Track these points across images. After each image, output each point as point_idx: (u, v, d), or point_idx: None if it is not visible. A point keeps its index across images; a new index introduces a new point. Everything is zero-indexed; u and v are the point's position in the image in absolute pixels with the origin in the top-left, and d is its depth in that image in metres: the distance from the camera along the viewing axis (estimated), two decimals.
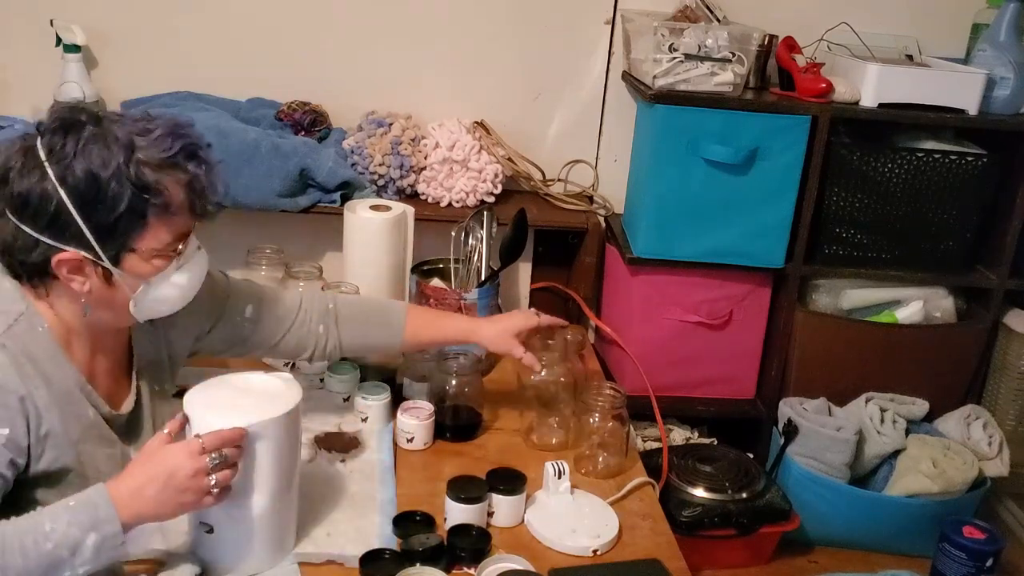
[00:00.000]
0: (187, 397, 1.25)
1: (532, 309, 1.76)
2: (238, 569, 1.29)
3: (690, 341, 2.15)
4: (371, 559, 1.33)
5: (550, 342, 1.77)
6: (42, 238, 1.17)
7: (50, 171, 1.15)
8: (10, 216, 1.17)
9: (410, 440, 1.66)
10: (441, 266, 2.05)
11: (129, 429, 1.36)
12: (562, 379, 1.75)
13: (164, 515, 1.20)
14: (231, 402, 1.25)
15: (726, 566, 1.99)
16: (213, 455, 1.18)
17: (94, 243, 1.18)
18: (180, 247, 1.25)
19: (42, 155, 1.15)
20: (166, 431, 1.22)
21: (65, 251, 1.17)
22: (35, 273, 1.21)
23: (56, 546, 1.10)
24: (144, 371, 1.39)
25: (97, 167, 1.15)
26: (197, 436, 1.19)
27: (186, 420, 1.24)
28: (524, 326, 1.67)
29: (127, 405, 1.35)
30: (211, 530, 1.26)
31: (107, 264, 1.20)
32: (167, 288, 1.27)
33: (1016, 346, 2.19)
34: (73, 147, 1.15)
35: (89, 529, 1.12)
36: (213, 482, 1.18)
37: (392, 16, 2.18)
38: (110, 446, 1.31)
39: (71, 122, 1.17)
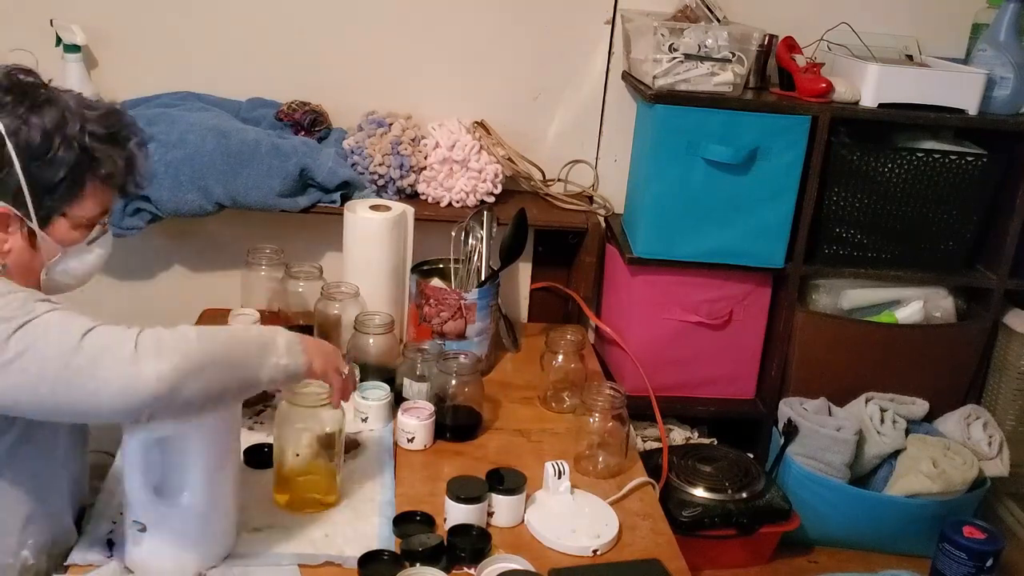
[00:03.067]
0: None
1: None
2: (172, 570, 1.28)
3: (690, 341, 2.15)
4: (369, 560, 1.33)
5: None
6: None
7: (0, 124, 1.18)
8: None
9: (411, 440, 1.66)
10: (441, 266, 2.05)
11: None
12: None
13: (314, 358, 1.31)
14: None
15: (726, 566, 1.99)
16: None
17: (29, 201, 1.22)
18: (104, 221, 1.33)
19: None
20: None
21: None
22: None
23: (259, 334, 1.28)
24: None
25: (51, 127, 1.21)
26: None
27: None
28: None
29: None
30: (144, 528, 1.25)
31: (34, 224, 1.24)
32: (80, 260, 1.32)
33: (1016, 346, 2.19)
34: (28, 105, 1.20)
35: (275, 334, 1.27)
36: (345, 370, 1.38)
37: (392, 16, 2.18)
38: None
39: (25, 84, 1.23)
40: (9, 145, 1.18)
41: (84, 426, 1.39)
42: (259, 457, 1.56)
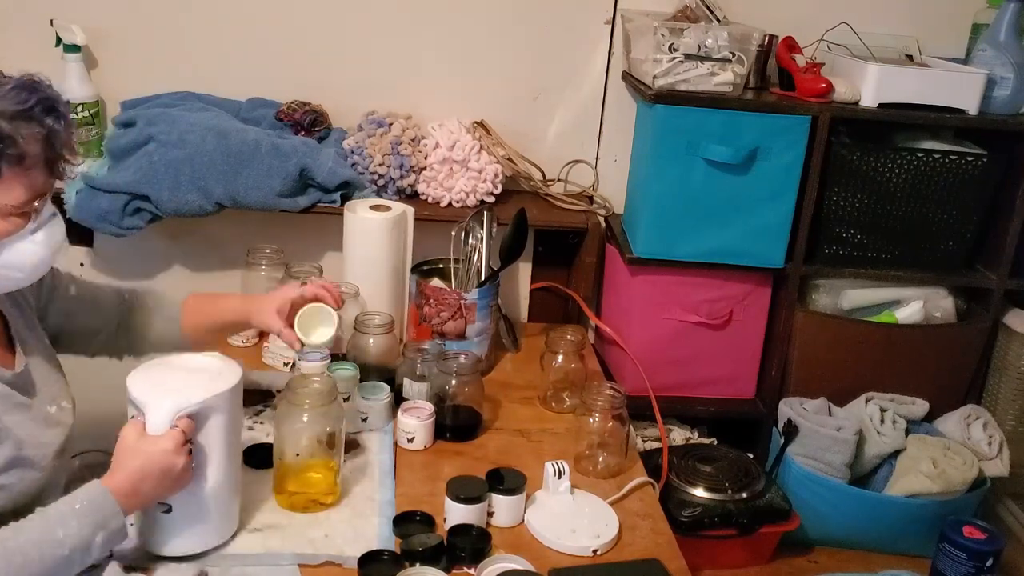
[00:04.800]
0: (130, 380, 1.27)
1: (308, 279, 1.72)
2: (194, 546, 1.31)
3: (690, 341, 2.15)
4: (369, 560, 1.33)
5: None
6: None
7: None
8: None
9: (411, 440, 1.66)
10: (441, 266, 2.05)
11: (28, 386, 1.35)
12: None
13: (158, 500, 1.27)
14: (176, 382, 1.28)
15: (726, 566, 1.99)
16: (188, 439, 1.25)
17: None
18: (36, 205, 1.23)
19: None
20: (134, 417, 1.26)
21: None
22: None
23: (71, 551, 1.16)
24: (19, 329, 1.38)
25: None
26: (174, 426, 1.24)
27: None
28: (285, 299, 1.57)
29: (19, 363, 1.35)
30: (169, 510, 1.28)
31: None
32: (22, 251, 1.24)
33: (1016, 346, 2.19)
34: None
35: (98, 528, 1.18)
36: (193, 465, 1.27)
37: (392, 16, 2.18)
38: (26, 409, 1.32)
39: None
40: None
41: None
42: (259, 457, 1.56)
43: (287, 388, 1.44)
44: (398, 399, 1.76)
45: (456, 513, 1.43)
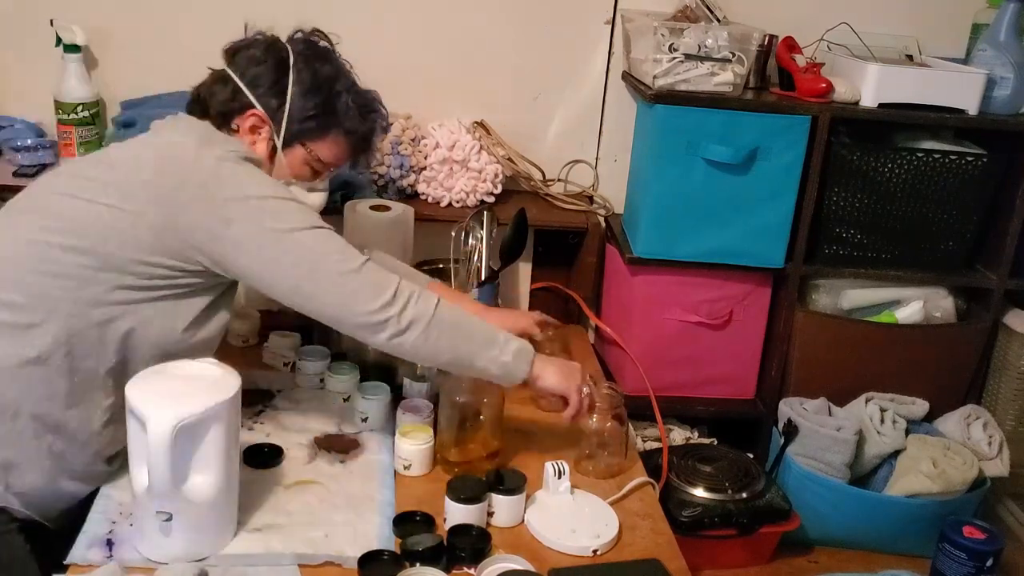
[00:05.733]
0: (129, 389, 1.27)
1: (537, 312, 1.83)
2: (193, 553, 1.31)
3: (690, 341, 2.15)
4: (369, 560, 1.33)
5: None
6: (250, 95, 1.50)
7: (291, 56, 1.54)
8: (236, 72, 1.54)
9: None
10: (441, 266, 2.04)
11: None
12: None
13: (546, 375, 1.51)
14: (175, 391, 1.27)
15: (726, 566, 1.99)
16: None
17: (285, 119, 1.50)
18: (326, 172, 1.59)
19: (290, 59, 1.55)
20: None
21: (257, 111, 1.49)
22: (223, 118, 1.51)
23: (493, 330, 1.47)
24: None
25: (324, 76, 1.54)
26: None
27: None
28: (528, 330, 1.74)
29: None
30: (170, 518, 1.28)
31: (279, 141, 1.50)
32: (297, 193, 1.52)
33: (1016, 346, 2.19)
34: (313, 54, 1.58)
35: (511, 339, 1.48)
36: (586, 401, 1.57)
37: (392, 16, 2.18)
38: None
39: (317, 45, 1.61)
40: (292, 74, 1.50)
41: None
42: (259, 457, 1.56)
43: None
44: (398, 399, 1.76)
45: (456, 513, 1.43)
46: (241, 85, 1.51)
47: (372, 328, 1.37)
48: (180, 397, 1.25)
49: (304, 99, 1.51)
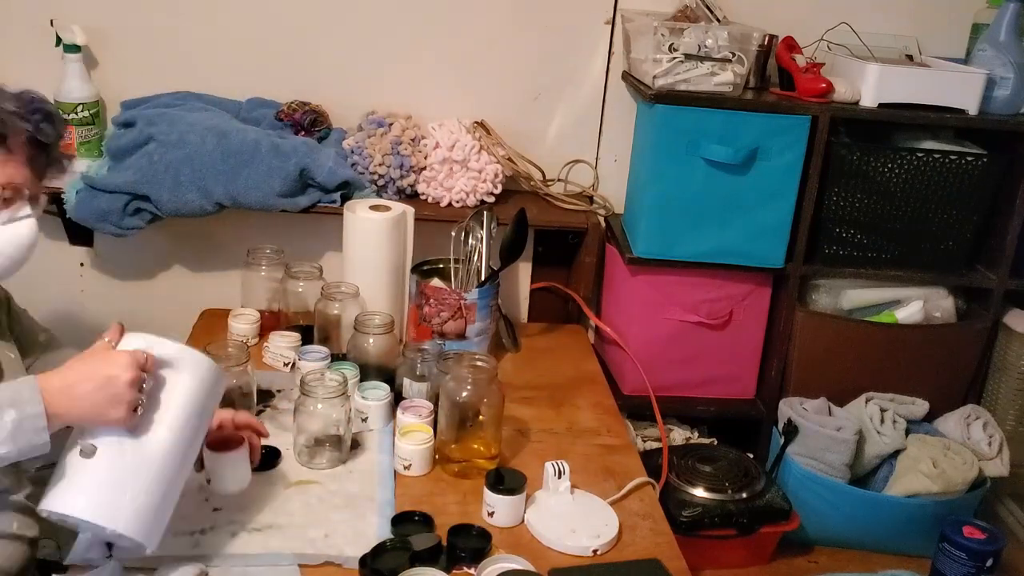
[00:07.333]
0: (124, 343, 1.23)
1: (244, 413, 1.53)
2: (100, 513, 1.16)
3: (690, 341, 2.15)
4: (375, 554, 1.32)
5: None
6: None
7: None
8: None
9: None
10: (441, 266, 2.04)
11: None
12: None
13: (85, 418, 1.17)
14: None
15: (726, 566, 1.99)
16: (146, 376, 1.18)
17: None
18: (5, 194, 1.32)
19: None
20: (107, 339, 1.22)
21: None
22: None
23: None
24: None
25: None
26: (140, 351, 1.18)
27: (122, 330, 1.22)
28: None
29: None
30: (94, 451, 1.15)
31: None
32: None
33: (1016, 346, 2.19)
34: None
35: (9, 406, 1.12)
36: (142, 400, 1.17)
37: (392, 16, 2.18)
38: None
39: None
40: None
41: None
42: (259, 458, 1.56)
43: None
44: (398, 399, 1.76)
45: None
46: None
47: None
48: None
49: None
